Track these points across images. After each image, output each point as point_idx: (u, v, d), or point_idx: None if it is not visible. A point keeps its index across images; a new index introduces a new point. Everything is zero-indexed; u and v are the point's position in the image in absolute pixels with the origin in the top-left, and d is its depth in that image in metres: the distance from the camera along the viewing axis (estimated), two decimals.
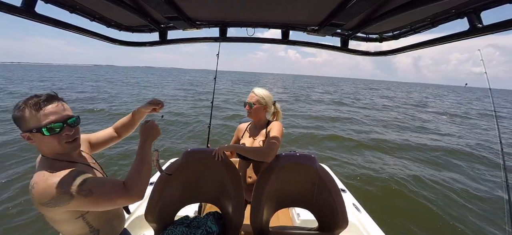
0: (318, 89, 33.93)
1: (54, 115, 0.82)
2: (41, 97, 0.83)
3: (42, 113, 0.80)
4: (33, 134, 0.81)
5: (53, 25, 0.93)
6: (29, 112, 0.80)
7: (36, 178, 0.78)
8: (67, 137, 0.86)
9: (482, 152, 7.00)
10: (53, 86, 22.73)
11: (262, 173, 1.38)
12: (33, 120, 0.80)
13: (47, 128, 0.80)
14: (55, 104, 0.84)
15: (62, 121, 0.84)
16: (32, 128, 0.80)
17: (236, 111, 12.14)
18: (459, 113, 16.46)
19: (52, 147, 0.85)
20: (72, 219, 0.85)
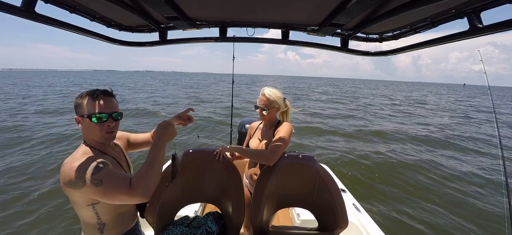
0: (318, 90, 34.17)
1: (103, 108, 0.95)
2: (99, 91, 0.97)
3: (96, 104, 0.94)
4: (84, 119, 0.94)
5: (53, 25, 0.93)
6: (86, 101, 0.94)
7: (67, 160, 0.90)
8: (107, 128, 0.97)
9: (482, 150, 7.01)
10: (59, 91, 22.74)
11: (262, 173, 1.38)
12: (87, 107, 0.93)
13: (96, 116, 0.93)
14: (107, 99, 0.97)
15: (108, 113, 0.96)
16: (84, 114, 0.93)
17: (241, 111, 12.20)
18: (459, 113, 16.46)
19: (93, 133, 0.96)
20: (84, 205, 0.92)
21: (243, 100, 16.88)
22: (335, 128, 9.37)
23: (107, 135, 0.97)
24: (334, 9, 0.99)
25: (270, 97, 1.51)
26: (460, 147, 7.33)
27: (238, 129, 3.34)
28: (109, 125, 0.97)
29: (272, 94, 1.53)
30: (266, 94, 1.52)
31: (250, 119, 3.41)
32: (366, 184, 4.56)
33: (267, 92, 1.53)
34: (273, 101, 1.51)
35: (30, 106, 12.35)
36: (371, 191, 4.29)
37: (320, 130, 9.07)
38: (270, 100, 1.51)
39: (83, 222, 0.98)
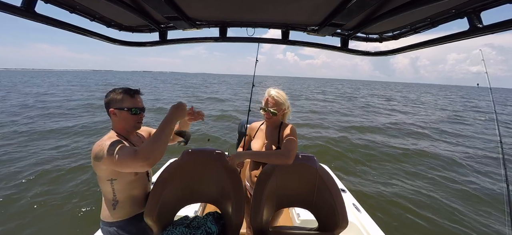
0: (316, 90, 34.45)
1: (140, 103, 1.22)
2: (133, 90, 1.20)
3: (134, 100, 1.19)
4: (121, 111, 1.15)
5: (53, 25, 0.93)
6: (124, 97, 1.16)
7: (98, 141, 1.09)
8: (139, 118, 1.22)
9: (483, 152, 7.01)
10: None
11: (262, 173, 1.38)
12: (126, 102, 1.16)
13: (133, 110, 1.18)
14: (139, 96, 1.23)
15: (142, 107, 1.23)
16: (124, 107, 1.16)
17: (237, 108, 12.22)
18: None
19: (128, 123, 1.19)
20: (105, 180, 1.13)
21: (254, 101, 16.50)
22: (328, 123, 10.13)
23: (138, 124, 1.23)
24: (334, 9, 0.99)
25: (278, 100, 1.46)
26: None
27: (238, 129, 3.34)
28: (141, 116, 1.23)
29: (280, 95, 1.49)
30: (275, 97, 1.47)
31: (250, 119, 3.41)
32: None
33: (275, 94, 1.48)
34: (281, 103, 1.47)
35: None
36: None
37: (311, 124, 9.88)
38: (278, 102, 1.46)
39: (104, 197, 1.19)
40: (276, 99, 1.46)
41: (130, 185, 1.21)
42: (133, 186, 1.22)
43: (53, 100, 14.80)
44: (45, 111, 11.12)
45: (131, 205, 1.23)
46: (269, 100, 1.48)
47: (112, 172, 1.11)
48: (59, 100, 14.91)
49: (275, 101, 1.46)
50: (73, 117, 10.02)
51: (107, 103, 1.17)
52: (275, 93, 1.48)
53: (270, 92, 1.50)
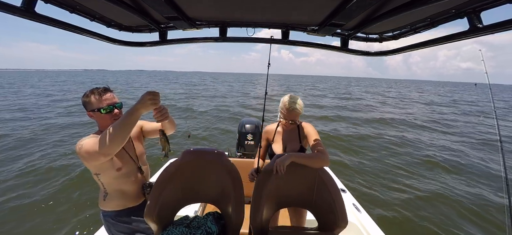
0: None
1: (108, 101, 1.22)
2: (100, 89, 1.23)
3: (102, 99, 1.21)
4: (95, 113, 1.21)
5: (53, 25, 0.93)
6: (93, 98, 1.20)
7: (81, 139, 1.15)
8: (115, 115, 1.24)
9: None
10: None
11: (262, 173, 1.38)
12: (96, 103, 1.20)
13: (105, 109, 1.20)
14: (109, 94, 1.24)
15: (113, 105, 1.23)
16: (95, 108, 1.20)
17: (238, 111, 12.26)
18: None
19: (105, 122, 1.23)
20: (93, 174, 1.23)
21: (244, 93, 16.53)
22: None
23: (115, 121, 1.14)
24: (334, 9, 0.99)
25: (301, 111, 1.53)
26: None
27: (237, 129, 3.34)
28: (116, 113, 1.24)
29: (301, 103, 1.55)
30: (298, 109, 1.53)
31: (250, 119, 3.41)
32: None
33: (299, 107, 1.54)
34: (301, 110, 1.54)
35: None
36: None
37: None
38: (301, 113, 1.54)
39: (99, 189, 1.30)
40: (299, 110, 1.52)
41: (117, 180, 1.26)
42: (121, 181, 1.27)
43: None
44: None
45: (121, 198, 1.30)
46: (294, 113, 1.52)
47: (95, 167, 1.18)
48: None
49: (299, 113, 1.52)
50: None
51: (84, 107, 1.24)
52: (299, 107, 1.53)
53: (293, 105, 1.52)
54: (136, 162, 1.36)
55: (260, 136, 3.12)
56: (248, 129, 3.19)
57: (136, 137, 1.42)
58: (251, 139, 3.13)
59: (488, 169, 5.53)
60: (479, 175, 5.20)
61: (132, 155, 1.34)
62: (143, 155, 1.43)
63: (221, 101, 16.71)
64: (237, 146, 3.27)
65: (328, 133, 8.31)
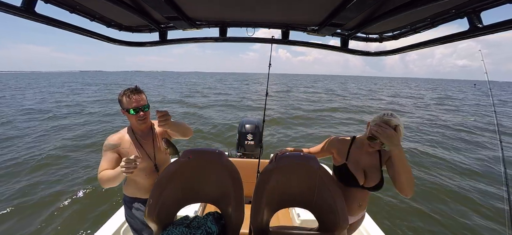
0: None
1: (136, 103, 1.32)
2: (131, 89, 1.33)
3: (130, 100, 1.31)
4: (125, 112, 1.34)
5: (53, 25, 0.93)
6: (124, 99, 1.32)
7: (112, 134, 1.40)
8: (139, 117, 1.34)
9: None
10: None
11: (262, 173, 1.38)
12: (125, 104, 1.32)
13: (134, 110, 1.32)
14: (138, 95, 1.33)
15: (139, 107, 1.33)
16: (125, 108, 1.33)
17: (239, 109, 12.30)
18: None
19: (132, 120, 1.37)
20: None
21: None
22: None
23: (141, 122, 1.35)
24: (334, 9, 0.99)
25: (402, 135, 1.10)
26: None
27: (238, 129, 3.34)
28: (141, 115, 1.34)
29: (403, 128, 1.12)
30: (402, 131, 1.10)
31: (250, 119, 3.41)
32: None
33: (402, 129, 1.10)
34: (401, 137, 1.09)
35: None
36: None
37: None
38: (401, 136, 1.09)
39: None
40: (401, 133, 1.08)
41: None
42: (135, 173, 1.32)
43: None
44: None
45: (135, 188, 1.44)
46: (396, 132, 1.05)
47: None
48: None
49: (400, 136, 1.06)
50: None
51: (119, 104, 1.38)
52: (401, 129, 1.09)
53: (392, 122, 1.08)
54: (153, 160, 1.44)
55: (260, 136, 3.11)
56: (248, 129, 3.19)
57: (160, 137, 1.49)
58: (251, 139, 3.13)
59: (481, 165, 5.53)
60: (479, 173, 5.20)
61: (149, 152, 1.43)
62: (162, 153, 1.49)
63: (224, 99, 16.89)
64: (237, 146, 3.27)
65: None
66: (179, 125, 1.44)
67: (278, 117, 11.13)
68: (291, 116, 11.40)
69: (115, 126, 9.06)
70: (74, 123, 9.34)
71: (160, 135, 1.51)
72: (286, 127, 9.46)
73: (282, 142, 7.55)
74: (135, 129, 1.41)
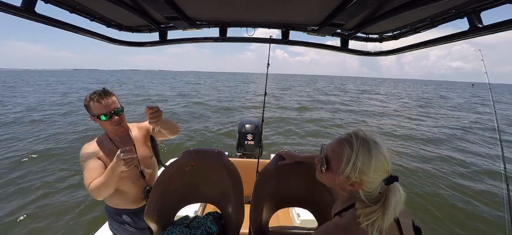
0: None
1: (106, 107, 1.18)
2: (99, 92, 1.20)
3: (101, 105, 1.17)
4: (96, 119, 1.20)
5: (53, 25, 0.93)
6: (92, 104, 1.18)
7: (86, 144, 1.25)
8: (115, 122, 1.22)
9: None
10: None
11: (262, 173, 1.38)
12: (95, 109, 1.18)
13: (105, 115, 1.19)
14: (107, 98, 1.20)
15: (112, 110, 1.20)
16: (95, 114, 1.19)
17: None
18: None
19: (106, 127, 1.25)
20: None
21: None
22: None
23: (116, 126, 1.24)
24: (334, 9, 0.99)
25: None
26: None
27: (237, 129, 3.34)
28: (115, 119, 1.22)
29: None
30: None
31: (250, 119, 3.41)
32: None
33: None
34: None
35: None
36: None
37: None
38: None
39: None
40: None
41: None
42: (120, 182, 1.25)
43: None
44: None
45: (119, 198, 1.32)
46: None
47: None
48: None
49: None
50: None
51: (86, 110, 1.23)
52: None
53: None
54: (138, 166, 1.35)
55: (260, 136, 3.12)
56: (248, 129, 3.19)
57: (142, 141, 1.39)
58: (251, 139, 3.13)
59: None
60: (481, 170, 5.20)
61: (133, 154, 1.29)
62: (148, 158, 1.41)
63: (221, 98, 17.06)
64: (237, 146, 3.27)
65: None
66: (168, 123, 1.32)
67: (276, 117, 11.26)
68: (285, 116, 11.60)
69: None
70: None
71: (141, 138, 1.39)
72: (284, 126, 9.56)
73: (282, 142, 7.56)
74: (111, 135, 1.28)
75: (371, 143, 0.62)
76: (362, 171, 0.60)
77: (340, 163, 0.63)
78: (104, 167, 1.19)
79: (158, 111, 1.09)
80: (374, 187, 0.62)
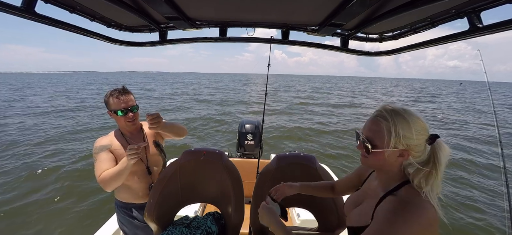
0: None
1: (124, 104, 1.29)
2: (119, 90, 1.30)
3: (118, 101, 1.28)
4: (112, 114, 1.31)
5: (53, 25, 0.93)
6: (111, 100, 1.29)
7: (100, 138, 1.34)
8: (129, 118, 1.31)
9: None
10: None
11: (262, 173, 1.38)
12: (113, 105, 1.28)
13: (122, 111, 1.28)
14: (125, 96, 1.30)
15: (128, 107, 1.30)
16: (112, 110, 1.29)
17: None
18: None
19: (120, 123, 1.34)
20: None
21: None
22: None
23: (129, 123, 1.32)
24: (334, 9, 0.99)
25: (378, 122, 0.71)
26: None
27: (237, 129, 3.34)
28: (130, 116, 1.31)
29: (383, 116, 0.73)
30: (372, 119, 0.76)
31: (250, 119, 3.41)
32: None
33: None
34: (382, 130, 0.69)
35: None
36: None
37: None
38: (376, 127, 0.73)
39: None
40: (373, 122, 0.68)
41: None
42: (127, 177, 1.28)
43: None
44: None
45: (126, 193, 1.39)
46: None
47: None
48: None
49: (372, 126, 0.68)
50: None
51: (105, 105, 1.33)
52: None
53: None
54: (145, 162, 1.40)
55: (260, 136, 3.12)
56: (248, 129, 3.19)
57: (151, 139, 1.44)
58: (251, 138, 3.13)
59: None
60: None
61: (142, 156, 1.34)
62: (155, 156, 1.44)
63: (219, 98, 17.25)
64: (237, 146, 3.27)
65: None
66: (172, 126, 1.41)
67: (276, 117, 11.35)
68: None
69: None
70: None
71: (151, 136, 1.46)
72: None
73: (281, 142, 7.56)
74: (124, 131, 1.37)
75: (400, 111, 0.63)
76: (405, 136, 0.61)
77: (382, 138, 0.63)
78: (114, 160, 1.28)
79: (157, 118, 1.20)
80: (422, 148, 0.62)
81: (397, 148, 0.62)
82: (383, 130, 0.63)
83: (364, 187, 0.86)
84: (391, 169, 0.67)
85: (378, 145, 0.64)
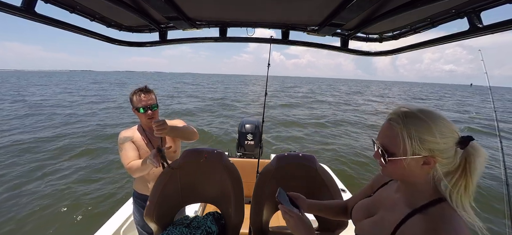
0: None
1: (144, 102, 1.40)
2: (142, 88, 1.42)
3: (140, 99, 1.39)
4: (135, 110, 1.42)
5: (53, 25, 0.93)
6: (134, 97, 1.41)
7: (124, 130, 1.48)
8: (148, 115, 1.41)
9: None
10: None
11: (262, 173, 1.38)
12: (135, 102, 1.40)
13: (143, 108, 1.39)
14: (147, 95, 1.41)
15: (148, 105, 1.40)
16: (135, 107, 1.41)
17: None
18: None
19: (141, 119, 1.46)
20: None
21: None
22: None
23: (148, 121, 1.41)
24: (334, 9, 0.99)
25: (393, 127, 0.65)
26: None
27: (237, 129, 3.34)
28: (149, 113, 1.40)
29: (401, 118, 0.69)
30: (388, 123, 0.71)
31: (250, 119, 3.41)
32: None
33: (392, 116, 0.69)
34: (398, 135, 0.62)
35: None
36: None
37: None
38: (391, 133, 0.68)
39: None
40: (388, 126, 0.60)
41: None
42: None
43: None
44: None
45: (142, 184, 1.53)
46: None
47: None
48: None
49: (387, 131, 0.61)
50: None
51: (130, 103, 1.46)
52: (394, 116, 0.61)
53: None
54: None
55: (260, 136, 3.11)
56: (248, 129, 3.19)
57: (168, 138, 1.54)
58: (251, 138, 3.13)
59: None
60: None
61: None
62: (171, 153, 1.51)
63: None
64: (237, 146, 3.27)
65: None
66: (180, 131, 1.47)
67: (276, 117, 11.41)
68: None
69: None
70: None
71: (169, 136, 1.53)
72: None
73: (282, 141, 7.57)
74: (144, 127, 1.50)
75: (416, 111, 0.55)
76: (426, 140, 0.52)
77: (398, 144, 0.55)
78: (136, 149, 1.44)
79: (163, 125, 1.27)
80: (451, 154, 0.52)
81: (419, 154, 0.53)
82: (398, 135, 0.55)
83: (376, 195, 0.77)
84: (417, 180, 0.58)
85: (395, 153, 0.56)
